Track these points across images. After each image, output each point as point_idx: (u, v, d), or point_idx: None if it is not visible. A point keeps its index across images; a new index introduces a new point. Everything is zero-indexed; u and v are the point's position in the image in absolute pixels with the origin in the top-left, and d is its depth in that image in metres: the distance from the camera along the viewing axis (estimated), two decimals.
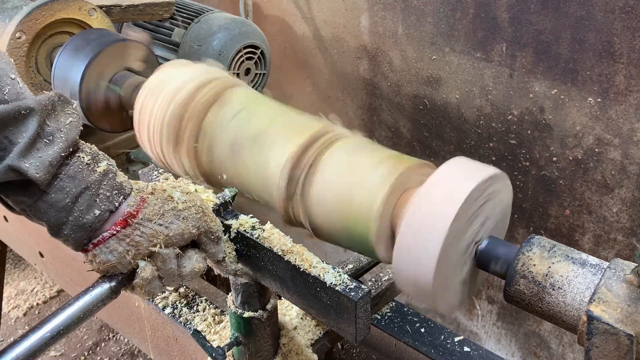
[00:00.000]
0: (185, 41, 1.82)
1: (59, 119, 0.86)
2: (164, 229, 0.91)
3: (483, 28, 1.75)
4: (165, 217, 0.92)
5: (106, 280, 0.92)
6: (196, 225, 0.95)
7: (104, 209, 0.88)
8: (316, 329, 1.28)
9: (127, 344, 2.71)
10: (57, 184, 0.85)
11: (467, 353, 1.24)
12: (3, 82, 0.82)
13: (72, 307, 0.89)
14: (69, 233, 0.87)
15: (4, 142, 0.81)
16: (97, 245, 0.89)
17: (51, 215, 0.86)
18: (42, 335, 0.86)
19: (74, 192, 0.86)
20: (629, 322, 0.78)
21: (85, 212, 0.87)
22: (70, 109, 0.89)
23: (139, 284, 0.92)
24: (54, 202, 0.85)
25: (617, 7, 1.47)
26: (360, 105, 2.24)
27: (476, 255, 0.97)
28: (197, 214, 0.95)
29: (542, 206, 1.84)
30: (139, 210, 0.90)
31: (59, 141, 0.84)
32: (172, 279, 0.95)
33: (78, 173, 0.86)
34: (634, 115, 1.54)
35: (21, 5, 1.55)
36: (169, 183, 0.98)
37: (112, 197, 0.89)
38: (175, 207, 0.93)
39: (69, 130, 0.86)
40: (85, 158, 0.88)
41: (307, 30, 2.28)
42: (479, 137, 1.90)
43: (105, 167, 0.90)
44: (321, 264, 0.99)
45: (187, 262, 0.96)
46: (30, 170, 0.81)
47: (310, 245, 1.05)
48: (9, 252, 2.75)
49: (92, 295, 0.91)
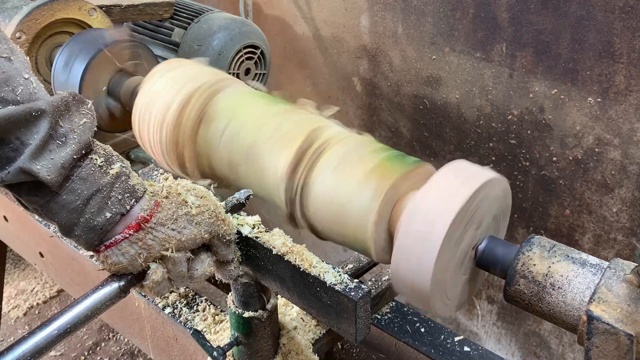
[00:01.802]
0: (185, 41, 1.82)
1: (73, 119, 0.86)
2: (176, 234, 0.91)
3: (483, 28, 1.75)
4: (178, 222, 0.92)
5: (115, 280, 0.92)
6: (208, 230, 0.95)
7: (115, 212, 0.88)
8: (316, 329, 1.28)
9: (127, 344, 2.71)
10: (69, 185, 0.85)
11: (467, 353, 1.24)
12: (16, 83, 0.81)
13: (80, 305, 0.89)
14: (79, 234, 0.87)
15: (16, 143, 0.80)
16: (109, 247, 0.89)
17: (62, 216, 0.86)
18: (49, 333, 0.86)
19: (86, 194, 0.85)
20: (629, 322, 0.78)
21: (96, 214, 0.86)
22: (85, 109, 0.88)
23: (149, 285, 0.92)
24: (65, 204, 0.85)
25: (617, 7, 1.47)
26: (360, 105, 2.24)
27: (476, 255, 0.97)
28: (210, 219, 0.95)
29: (542, 206, 1.84)
30: (153, 214, 0.90)
31: (71, 142, 0.84)
32: (181, 281, 0.96)
33: (90, 175, 0.86)
34: (634, 115, 1.54)
35: (21, 5, 1.55)
36: (183, 186, 0.97)
37: (123, 200, 0.88)
38: (189, 212, 0.93)
39: (82, 131, 0.86)
40: (98, 160, 0.87)
41: (307, 30, 2.28)
42: (478, 137, 1.90)
43: (118, 169, 0.89)
44: (321, 264, 0.99)
45: (199, 265, 0.96)
46: (41, 173, 0.81)
47: (310, 245, 1.05)
48: (9, 252, 2.75)
49: (101, 294, 0.91)
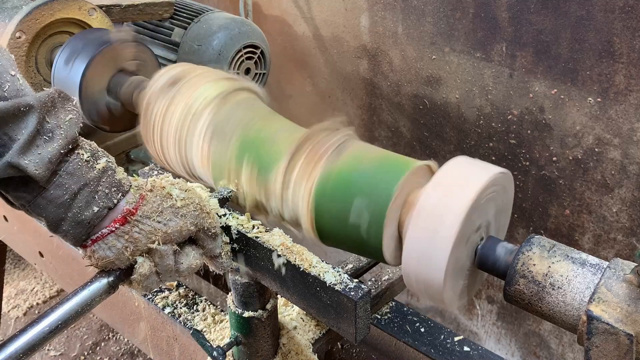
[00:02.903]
0: (185, 41, 1.82)
1: (59, 115, 0.87)
2: (162, 226, 0.92)
3: (483, 28, 1.75)
4: (163, 215, 0.93)
5: (104, 276, 0.93)
6: (194, 223, 0.96)
7: (103, 206, 0.89)
8: (316, 329, 1.28)
9: (127, 344, 2.71)
10: (56, 180, 0.86)
11: (466, 353, 1.24)
12: (3, 79, 0.82)
13: (70, 302, 0.90)
14: (67, 229, 0.88)
15: (4, 139, 0.81)
16: (96, 242, 0.90)
17: (50, 211, 0.87)
18: (40, 330, 0.87)
19: (73, 188, 0.86)
20: (628, 321, 0.78)
21: (84, 208, 0.87)
22: (70, 106, 0.89)
23: (137, 279, 0.93)
24: (52, 199, 0.86)
25: (617, 7, 1.47)
26: (360, 105, 2.24)
27: (476, 255, 0.97)
28: (195, 211, 0.96)
29: (542, 206, 1.84)
30: (138, 207, 0.91)
31: (58, 138, 0.85)
32: (169, 274, 0.96)
33: (77, 170, 0.87)
34: (634, 115, 1.54)
35: (21, 5, 1.55)
36: (167, 180, 0.99)
37: (110, 194, 0.89)
38: (174, 204, 0.94)
39: (68, 127, 0.87)
40: (85, 155, 0.88)
41: (307, 30, 2.28)
42: (478, 137, 1.90)
43: (104, 164, 0.90)
44: (321, 264, 0.99)
45: (185, 259, 0.97)
46: (29, 167, 0.82)
47: (310, 245, 1.05)
48: (9, 252, 2.75)
49: (90, 290, 0.92)
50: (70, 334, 2.74)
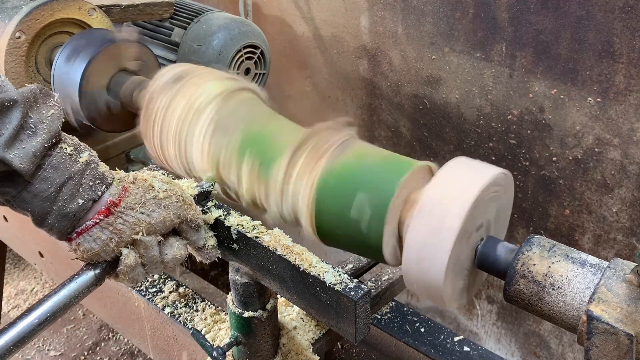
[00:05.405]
0: (185, 41, 1.82)
1: (41, 110, 0.88)
2: (145, 217, 0.93)
3: (483, 28, 1.75)
4: (146, 206, 0.94)
5: (91, 268, 0.94)
6: (177, 214, 0.97)
7: (87, 198, 0.90)
8: (316, 329, 1.28)
9: (127, 344, 2.71)
10: (41, 174, 0.87)
11: (466, 353, 1.24)
12: None
13: (58, 294, 0.92)
14: (53, 222, 0.89)
15: None
16: (81, 234, 0.91)
17: (35, 205, 0.88)
18: (30, 322, 0.88)
19: (58, 182, 0.88)
20: (628, 321, 0.78)
21: (69, 201, 0.89)
22: (52, 102, 0.91)
23: (123, 270, 0.94)
24: (38, 192, 0.87)
25: (617, 7, 1.47)
26: (360, 105, 2.24)
27: (476, 255, 0.97)
28: (178, 203, 0.97)
29: (542, 206, 1.84)
30: (121, 199, 0.92)
31: (41, 132, 0.86)
32: (154, 265, 0.97)
33: (61, 163, 0.88)
34: (634, 115, 1.54)
35: (21, 5, 1.55)
36: (149, 173, 1.01)
37: (94, 186, 0.91)
38: (157, 195, 0.96)
39: (51, 122, 0.88)
40: (68, 149, 0.90)
41: (307, 30, 2.28)
42: (478, 137, 1.90)
43: (88, 157, 0.92)
44: (321, 264, 0.99)
45: (169, 250, 0.98)
46: (14, 161, 0.83)
47: (310, 245, 1.05)
48: (9, 252, 2.75)
49: (77, 283, 0.93)
50: (70, 334, 2.74)
